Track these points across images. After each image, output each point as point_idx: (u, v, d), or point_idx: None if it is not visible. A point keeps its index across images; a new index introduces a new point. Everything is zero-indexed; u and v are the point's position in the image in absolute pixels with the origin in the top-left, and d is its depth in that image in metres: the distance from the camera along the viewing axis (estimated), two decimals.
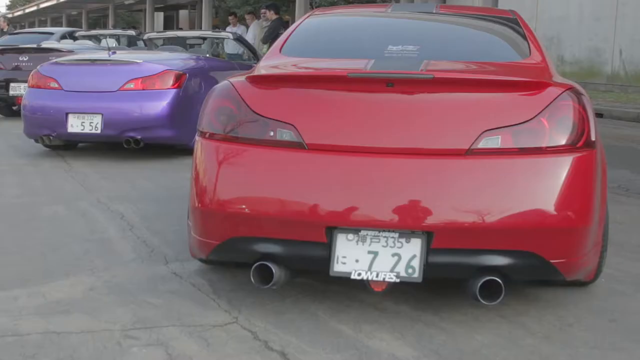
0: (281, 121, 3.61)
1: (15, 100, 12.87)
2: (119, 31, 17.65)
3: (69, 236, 5.30)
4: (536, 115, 3.47)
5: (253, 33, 16.10)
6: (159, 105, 8.39)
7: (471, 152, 3.42)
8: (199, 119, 3.97)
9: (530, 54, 4.30)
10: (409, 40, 4.41)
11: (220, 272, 4.39)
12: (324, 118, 3.59)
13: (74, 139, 9.07)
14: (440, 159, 3.44)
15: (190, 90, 8.74)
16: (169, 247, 4.95)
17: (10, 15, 40.78)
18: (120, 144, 8.61)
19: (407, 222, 3.35)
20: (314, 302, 3.95)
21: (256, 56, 11.14)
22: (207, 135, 3.83)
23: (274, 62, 4.32)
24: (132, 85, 8.47)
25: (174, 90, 8.48)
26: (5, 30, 20.64)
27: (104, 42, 15.47)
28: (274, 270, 3.53)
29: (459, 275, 3.53)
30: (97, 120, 8.41)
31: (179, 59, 9.22)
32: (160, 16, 36.12)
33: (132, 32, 16.00)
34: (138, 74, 8.53)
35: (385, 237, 3.40)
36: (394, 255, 3.39)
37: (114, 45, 14.35)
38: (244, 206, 3.56)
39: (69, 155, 9.16)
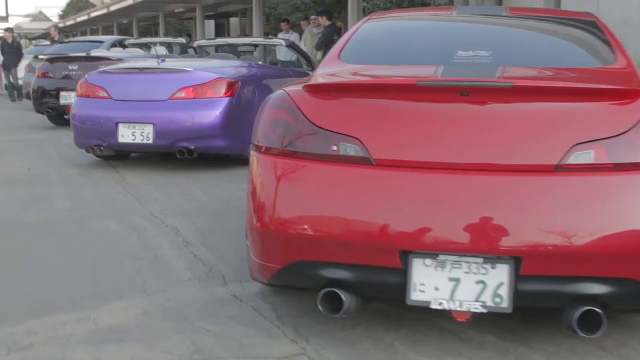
0: (344, 134, 3.29)
1: (66, 109, 12.75)
2: (169, 39, 17.50)
3: (121, 253, 5.05)
4: (633, 127, 3.11)
5: (303, 39, 15.84)
6: (212, 115, 8.12)
7: (561, 169, 3.06)
8: (254, 131, 3.68)
9: (615, 59, 3.93)
10: (480, 45, 4.06)
11: (284, 294, 4.08)
12: (392, 131, 3.27)
13: (126, 149, 8.85)
14: (525, 176, 3.08)
15: (243, 99, 8.46)
16: (226, 266, 4.67)
17: (61, 25, 41.09)
18: (173, 154, 8.36)
19: (492, 246, 3.01)
20: (388, 330, 3.62)
21: (310, 63, 10.86)
22: (262, 149, 3.54)
23: (333, 70, 4.00)
24: (183, 94, 8.22)
25: (227, 98, 8.21)
26: (56, 39, 20.63)
27: (153, 50, 15.32)
28: (343, 298, 3.21)
29: (553, 305, 3.18)
30: (149, 130, 8.18)
31: (230, 67, 8.95)
32: (211, 24, 36.09)
33: (182, 40, 15.84)
34: (189, 83, 8.28)
35: (467, 262, 3.06)
36: (478, 282, 3.05)
37: (164, 53, 14.22)
38: (307, 227, 3.25)
39: (120, 166, 8.95)
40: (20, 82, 20.36)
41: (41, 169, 8.89)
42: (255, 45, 11.36)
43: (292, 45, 10.83)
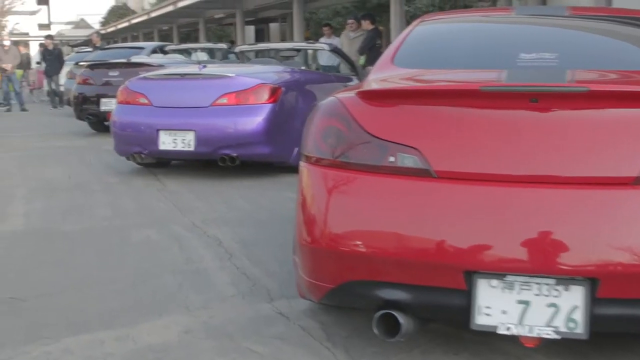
0: (402, 144, 3.03)
1: (106, 115, 12.64)
2: (210, 44, 17.35)
3: (161, 265, 4.85)
4: None
5: (340, 45, 15.53)
6: (255, 121, 7.90)
7: None
8: (303, 141, 3.44)
9: None
10: (544, 47, 3.79)
11: (334, 312, 3.84)
12: (453, 140, 3.01)
13: (166, 157, 8.67)
14: (602, 189, 2.81)
15: (287, 105, 8.24)
16: (272, 280, 4.45)
17: (102, 32, 41.32)
18: (215, 161, 8.15)
19: (565, 266, 2.74)
20: (447, 353, 3.35)
21: (355, 68, 10.61)
22: (313, 160, 3.29)
23: (387, 75, 3.74)
24: (225, 100, 8.02)
25: (270, 104, 7.99)
26: (97, 45, 20.65)
27: (194, 56, 15.18)
28: (400, 321, 2.97)
29: (632, 330, 2.91)
30: (190, 137, 7.99)
31: (273, 72, 8.74)
32: (251, 30, 35.98)
33: (223, 45, 15.68)
34: (231, 88, 8.07)
35: (538, 284, 2.79)
36: (550, 305, 2.79)
37: (205, 58, 14.07)
38: (361, 244, 3.00)
39: (161, 173, 8.78)
40: (62, 88, 20.40)
41: (82, 177, 8.75)
42: (298, 50, 11.15)
43: (335, 50, 10.59)
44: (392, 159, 3.03)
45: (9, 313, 4.02)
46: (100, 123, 13.40)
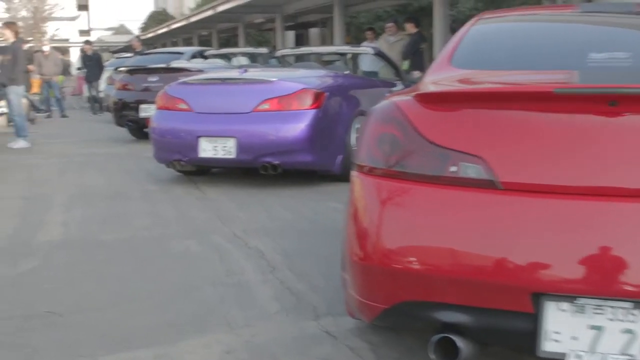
0: (465, 152, 2.78)
1: (145, 121, 12.54)
2: (250, 49, 17.18)
3: (202, 278, 4.67)
4: None
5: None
6: (298, 128, 7.70)
7: None
8: (357, 150, 3.21)
9: None
10: (615, 46, 3.52)
11: (384, 332, 3.62)
12: (522, 148, 2.75)
13: (207, 164, 8.49)
14: None
15: (331, 111, 8.03)
16: (317, 296, 4.24)
17: (142, 37, 41.46)
18: (255, 169, 7.96)
19: None
20: None
21: (399, 73, 10.38)
22: (366, 169, 3.05)
23: (446, 76, 3.46)
24: (267, 106, 7.84)
25: (313, 110, 7.79)
26: (138, 50, 20.60)
27: (234, 61, 15.02)
28: (459, 345, 2.74)
29: None
30: (231, 144, 7.81)
31: (316, 77, 8.52)
32: (290, 35, 35.84)
33: (264, 50, 15.50)
34: (273, 94, 7.88)
35: (612, 307, 2.54)
36: (625, 331, 2.54)
37: (246, 63, 13.90)
38: (418, 262, 2.77)
39: (201, 181, 8.61)
40: (102, 94, 20.38)
41: (121, 184, 8.63)
42: (341, 54, 10.90)
43: (380, 54, 10.36)
44: (453, 168, 2.79)
45: (44, 328, 3.86)
46: (139, 130, 13.32)
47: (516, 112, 2.85)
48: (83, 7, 66.71)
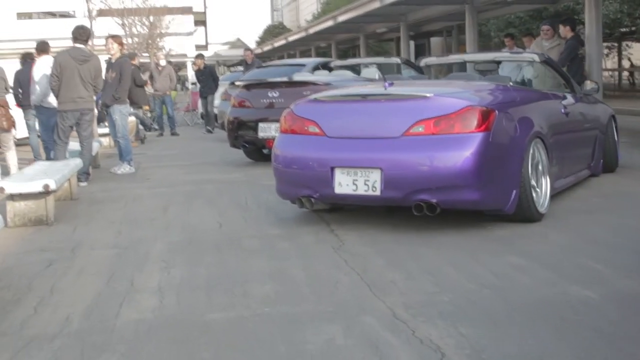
0: None
1: (265, 142, 10.94)
2: (380, 59, 15.38)
3: None
4: None
5: None
6: (462, 156, 5.88)
7: None
8: None
9: None
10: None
11: None
12: None
13: (343, 202, 6.73)
14: None
15: (502, 133, 6.17)
16: None
17: (259, 51, 40.44)
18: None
19: None
20: None
21: (569, 83, 8.43)
22: None
23: None
24: (421, 129, 6.05)
25: (481, 134, 5.95)
26: (249, 62, 18.99)
27: (365, 72, 13.25)
28: None
29: None
30: (375, 177, 6.05)
31: (479, 91, 6.63)
32: (410, 45, 34.23)
33: (397, 60, 13.73)
34: (429, 113, 6.09)
35: None
36: None
37: (376, 76, 12.13)
38: None
39: (334, 221, 6.83)
40: (216, 110, 18.95)
41: (234, 225, 6.96)
42: (498, 62, 8.96)
43: (547, 61, 8.41)
44: None
45: None
46: (257, 151, 11.70)
47: None
48: (200, 22, 66.58)
